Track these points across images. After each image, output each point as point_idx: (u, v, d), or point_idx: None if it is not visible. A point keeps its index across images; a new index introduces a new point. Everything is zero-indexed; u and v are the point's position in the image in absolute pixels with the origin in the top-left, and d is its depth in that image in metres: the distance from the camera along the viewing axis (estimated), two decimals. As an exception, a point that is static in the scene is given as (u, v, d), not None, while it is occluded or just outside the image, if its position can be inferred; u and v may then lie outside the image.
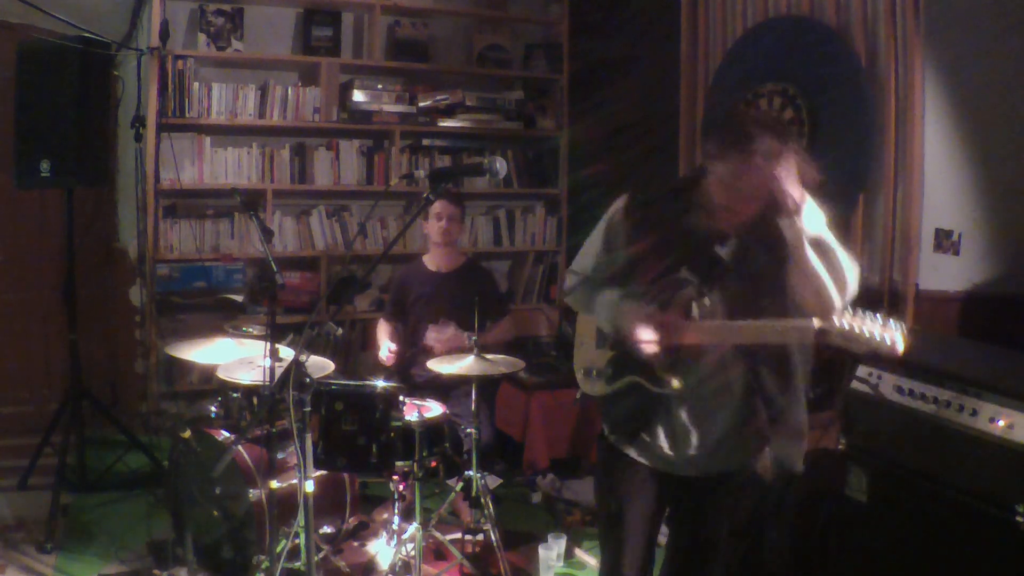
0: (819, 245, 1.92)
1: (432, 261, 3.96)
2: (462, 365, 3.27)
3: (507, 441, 4.46)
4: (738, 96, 3.99)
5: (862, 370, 2.65)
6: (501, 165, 2.42)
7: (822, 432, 2.99)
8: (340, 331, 2.29)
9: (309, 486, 2.18)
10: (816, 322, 1.88)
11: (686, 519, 2.28)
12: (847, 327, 1.84)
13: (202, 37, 4.72)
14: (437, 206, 3.81)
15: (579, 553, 3.55)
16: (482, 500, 3.20)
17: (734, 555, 2.26)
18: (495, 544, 3.19)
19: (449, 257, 3.94)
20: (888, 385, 2.56)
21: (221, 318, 4.42)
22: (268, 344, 2.78)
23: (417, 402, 3.17)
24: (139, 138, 4.43)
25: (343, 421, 2.86)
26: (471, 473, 3.23)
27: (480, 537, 3.31)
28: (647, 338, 2.03)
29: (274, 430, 2.82)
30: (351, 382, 3.08)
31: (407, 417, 2.91)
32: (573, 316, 2.48)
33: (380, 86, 5.03)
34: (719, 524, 2.21)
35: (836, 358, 2.94)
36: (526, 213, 5.54)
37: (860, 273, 2.00)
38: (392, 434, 2.86)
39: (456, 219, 3.86)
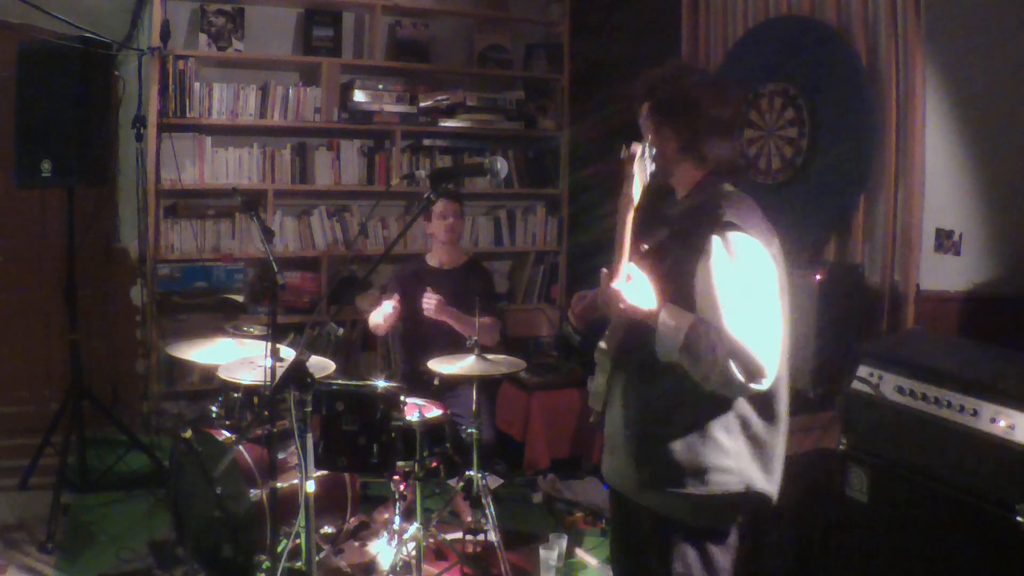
0: None
1: (435, 258, 3.98)
2: (462, 365, 3.27)
3: (508, 441, 4.46)
4: (739, 96, 3.99)
5: (862, 370, 2.65)
6: (502, 165, 2.42)
7: (822, 432, 2.99)
8: (341, 331, 2.30)
9: (310, 486, 2.18)
10: None
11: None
12: None
13: (203, 37, 4.72)
14: (440, 205, 3.83)
15: (580, 553, 3.55)
16: (483, 500, 3.20)
17: None
18: (496, 544, 3.19)
19: (452, 254, 3.97)
20: (888, 385, 2.56)
21: (222, 318, 4.42)
22: (269, 344, 2.78)
23: (418, 402, 3.18)
24: (140, 138, 4.43)
25: (344, 421, 2.86)
26: (472, 473, 3.23)
27: (481, 537, 3.31)
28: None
29: (275, 430, 2.82)
30: (352, 382, 3.08)
31: (408, 417, 2.92)
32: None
33: (381, 86, 5.03)
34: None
35: (836, 359, 2.94)
36: (527, 213, 5.54)
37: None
38: (393, 434, 2.86)
39: (459, 215, 3.93)
